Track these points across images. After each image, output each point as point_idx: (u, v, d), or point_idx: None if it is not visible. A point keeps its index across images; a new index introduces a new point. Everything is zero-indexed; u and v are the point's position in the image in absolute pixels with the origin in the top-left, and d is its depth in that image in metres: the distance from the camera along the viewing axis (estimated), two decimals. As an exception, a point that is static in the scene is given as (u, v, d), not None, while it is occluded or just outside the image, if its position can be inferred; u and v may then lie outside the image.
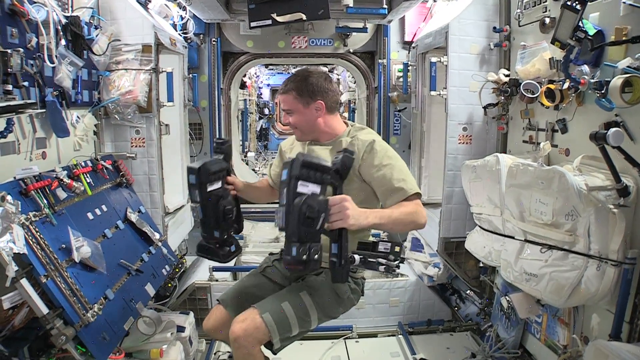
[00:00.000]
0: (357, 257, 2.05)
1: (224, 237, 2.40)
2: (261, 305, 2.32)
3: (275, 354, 2.40)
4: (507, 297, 3.09)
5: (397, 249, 2.06)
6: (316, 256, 1.84)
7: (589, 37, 2.32)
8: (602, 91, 2.22)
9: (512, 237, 2.71)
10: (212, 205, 2.26)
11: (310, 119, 2.47)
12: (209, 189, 2.24)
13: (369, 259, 2.06)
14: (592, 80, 2.30)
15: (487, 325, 3.60)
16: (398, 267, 2.03)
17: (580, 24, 2.32)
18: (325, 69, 10.30)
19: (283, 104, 2.50)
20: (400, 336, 3.90)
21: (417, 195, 2.27)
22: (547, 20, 2.85)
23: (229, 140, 2.45)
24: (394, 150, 2.42)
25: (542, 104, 2.81)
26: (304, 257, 1.80)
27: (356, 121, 6.89)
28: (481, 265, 3.46)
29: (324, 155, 2.44)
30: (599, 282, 2.15)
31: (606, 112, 2.29)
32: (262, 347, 2.46)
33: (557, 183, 2.28)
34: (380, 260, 2.05)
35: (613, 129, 2.06)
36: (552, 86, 2.70)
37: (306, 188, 1.81)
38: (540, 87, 2.82)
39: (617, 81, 2.09)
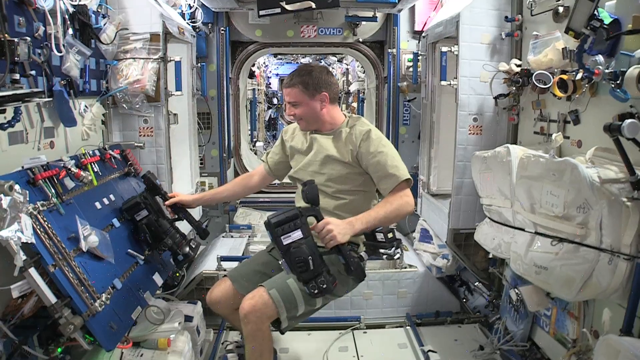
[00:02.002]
0: (364, 254, 2.43)
1: (162, 252, 2.90)
2: (268, 283, 2.51)
3: (282, 333, 2.58)
4: (516, 289, 3.06)
5: (390, 235, 2.35)
6: (325, 285, 2.20)
7: (605, 26, 2.27)
8: (617, 82, 2.17)
9: (523, 229, 2.68)
10: (142, 229, 2.81)
11: (316, 110, 2.69)
12: (137, 218, 2.81)
13: (374, 251, 2.39)
14: (606, 71, 2.25)
15: (496, 317, 3.57)
16: (399, 252, 2.33)
17: (595, 12, 2.27)
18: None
19: (289, 97, 2.72)
20: (408, 327, 3.89)
21: (408, 182, 2.53)
22: (561, 9, 2.79)
23: (147, 172, 3.03)
24: (388, 139, 2.68)
25: (554, 95, 2.76)
26: (316, 291, 2.19)
27: (366, 111, 6.89)
28: (490, 257, 3.43)
29: (327, 144, 2.70)
30: (610, 276, 2.12)
31: (621, 103, 2.24)
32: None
33: (569, 175, 2.24)
34: (382, 250, 2.37)
35: (628, 121, 2.00)
36: (564, 77, 2.64)
37: (290, 238, 2.19)
38: (553, 78, 2.76)
39: (633, 71, 2.04)
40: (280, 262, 2.30)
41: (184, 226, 3.13)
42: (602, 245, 2.14)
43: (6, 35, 2.07)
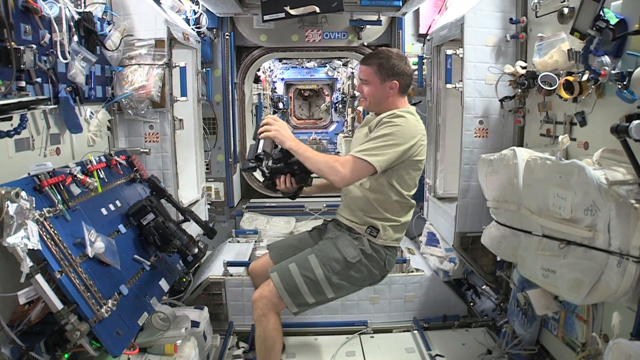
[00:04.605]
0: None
1: (171, 253, 2.90)
2: (274, 267, 2.70)
3: (295, 315, 2.69)
4: (524, 293, 3.04)
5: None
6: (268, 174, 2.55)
7: (611, 27, 2.25)
8: (624, 82, 2.15)
9: (530, 232, 2.66)
10: (150, 232, 2.82)
11: (381, 94, 2.72)
12: (144, 222, 2.83)
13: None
14: (613, 72, 2.23)
15: (504, 321, 3.55)
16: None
17: (601, 13, 2.26)
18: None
19: (362, 74, 2.75)
20: (415, 332, 3.87)
21: (363, 163, 2.47)
22: (566, 10, 2.78)
23: (151, 176, 3.13)
24: (407, 133, 2.59)
25: (560, 97, 2.74)
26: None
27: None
28: (498, 260, 3.41)
29: (371, 126, 2.71)
30: (619, 279, 2.09)
31: (628, 104, 2.22)
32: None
33: (576, 177, 2.22)
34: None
35: (636, 122, 1.98)
36: (570, 78, 2.63)
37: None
38: (559, 79, 2.75)
39: (640, 71, 2.02)
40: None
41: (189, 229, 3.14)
42: (610, 248, 2.12)
43: (12, 43, 2.08)
